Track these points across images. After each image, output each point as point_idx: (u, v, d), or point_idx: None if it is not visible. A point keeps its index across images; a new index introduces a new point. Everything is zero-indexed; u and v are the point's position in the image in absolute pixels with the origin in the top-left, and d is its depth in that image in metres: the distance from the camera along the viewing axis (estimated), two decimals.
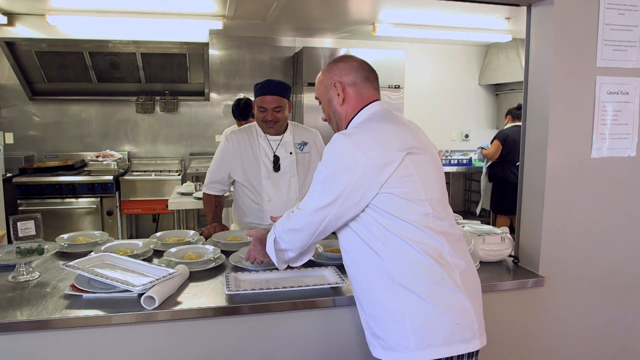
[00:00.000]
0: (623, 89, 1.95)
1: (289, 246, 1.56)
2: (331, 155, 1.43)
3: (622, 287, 2.11)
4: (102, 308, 1.55)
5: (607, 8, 1.88)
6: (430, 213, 1.40)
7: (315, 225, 1.47)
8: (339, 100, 1.55)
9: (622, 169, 2.01)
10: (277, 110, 2.44)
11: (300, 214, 1.49)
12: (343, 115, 1.56)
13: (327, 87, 1.58)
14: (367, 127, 1.48)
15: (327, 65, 1.62)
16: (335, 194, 1.40)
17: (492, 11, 4.40)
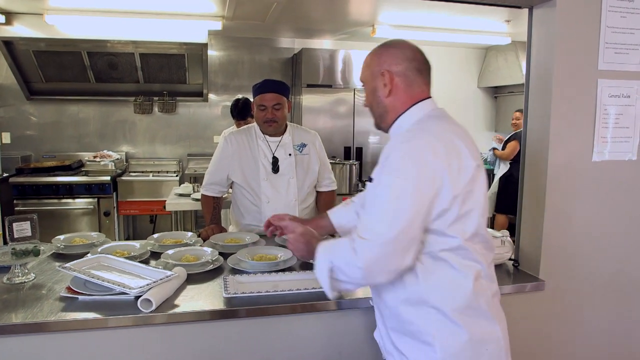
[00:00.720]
0: (624, 92, 1.94)
1: (349, 279, 1.29)
2: (404, 165, 1.24)
3: (623, 291, 2.10)
4: (98, 311, 1.52)
5: (609, 11, 1.87)
6: (480, 232, 1.31)
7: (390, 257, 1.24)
8: (384, 91, 1.39)
9: (623, 172, 2.00)
10: (276, 107, 2.43)
11: (368, 245, 1.22)
12: (390, 107, 1.40)
13: (374, 74, 1.41)
14: (433, 130, 1.32)
15: (377, 48, 1.44)
16: (413, 212, 1.22)
17: (491, 14, 4.40)
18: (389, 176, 1.25)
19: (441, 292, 1.28)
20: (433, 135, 1.30)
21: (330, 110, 5.15)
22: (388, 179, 1.25)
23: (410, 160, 1.24)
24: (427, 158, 1.24)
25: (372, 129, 5.28)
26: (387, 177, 1.26)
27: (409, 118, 1.38)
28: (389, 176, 1.25)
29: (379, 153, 4.59)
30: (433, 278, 1.28)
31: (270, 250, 2.02)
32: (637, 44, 1.92)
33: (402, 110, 1.39)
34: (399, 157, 1.26)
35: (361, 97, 5.18)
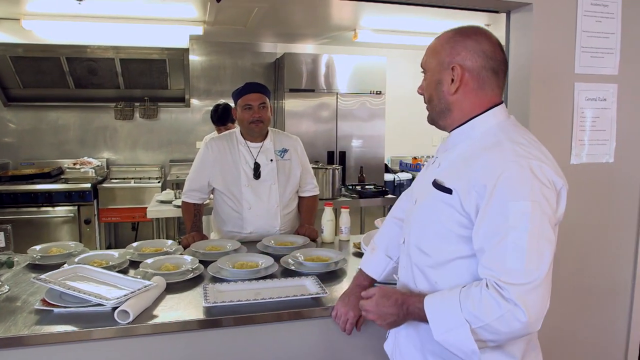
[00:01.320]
0: (601, 96, 1.96)
1: (501, 337, 1.09)
2: (533, 187, 1.08)
3: (600, 296, 2.12)
4: (74, 323, 1.49)
5: (584, 15, 1.89)
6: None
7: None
8: (451, 87, 1.24)
9: (600, 175, 2.03)
10: (262, 106, 2.42)
11: (525, 290, 1.04)
12: (454, 106, 1.25)
13: (442, 65, 1.25)
14: (532, 142, 1.18)
15: (451, 33, 1.25)
16: (554, 237, 1.09)
17: (472, 18, 4.41)
18: (521, 202, 1.06)
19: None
20: (538, 149, 1.16)
21: (313, 115, 5.14)
22: (524, 205, 1.06)
23: (539, 182, 1.08)
24: (549, 175, 1.11)
25: (356, 132, 5.28)
26: (521, 204, 1.06)
27: (482, 123, 1.23)
28: (521, 202, 1.06)
29: (362, 157, 4.57)
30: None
31: (252, 257, 2.00)
32: (612, 48, 1.95)
33: (473, 114, 1.24)
34: (524, 178, 1.08)
35: (344, 101, 5.19)
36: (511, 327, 1.05)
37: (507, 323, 1.05)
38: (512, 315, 1.04)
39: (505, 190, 1.08)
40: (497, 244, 1.08)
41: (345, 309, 1.55)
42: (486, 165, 1.13)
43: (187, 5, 3.94)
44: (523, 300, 1.03)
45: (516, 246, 1.05)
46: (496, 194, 1.09)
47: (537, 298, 1.04)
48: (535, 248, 1.05)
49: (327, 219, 2.43)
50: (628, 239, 2.14)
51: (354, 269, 1.82)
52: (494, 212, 1.09)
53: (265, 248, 2.22)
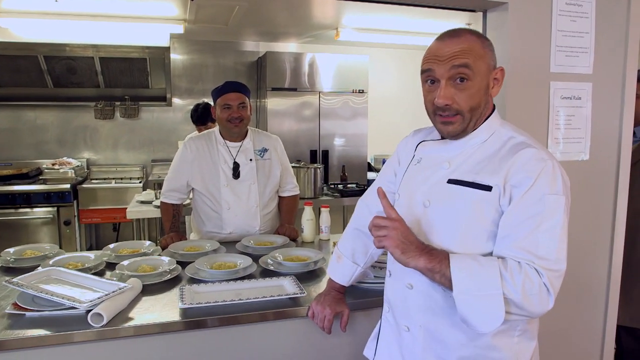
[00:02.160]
0: (576, 94, 1.98)
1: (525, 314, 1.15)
2: (560, 183, 1.16)
3: (577, 292, 2.14)
4: (47, 327, 1.46)
5: (559, 15, 1.91)
6: None
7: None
8: (496, 89, 1.27)
9: (576, 172, 2.05)
10: (242, 106, 2.40)
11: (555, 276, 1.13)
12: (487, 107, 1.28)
13: (489, 67, 1.23)
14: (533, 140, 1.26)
15: (477, 36, 1.23)
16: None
17: (452, 17, 4.45)
18: (556, 196, 1.14)
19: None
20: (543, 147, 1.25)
21: (296, 114, 5.13)
22: (557, 199, 1.14)
23: (560, 177, 1.17)
24: (561, 172, 1.19)
25: (338, 131, 5.29)
26: (554, 197, 1.14)
27: (491, 123, 1.27)
28: (556, 196, 1.14)
29: (345, 156, 4.57)
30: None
31: (230, 258, 1.99)
32: (587, 47, 1.97)
33: (487, 115, 1.28)
34: (554, 174, 1.16)
35: (327, 100, 5.18)
36: (537, 307, 1.12)
37: (536, 303, 1.11)
38: (544, 297, 1.11)
39: (545, 183, 1.14)
40: (532, 231, 1.13)
41: (321, 307, 1.55)
42: (526, 161, 1.17)
43: (167, 4, 3.90)
44: (553, 286, 1.11)
45: (550, 235, 1.13)
46: (536, 185, 1.14)
47: (559, 286, 1.14)
48: (563, 239, 1.15)
49: (307, 219, 2.43)
50: (603, 236, 2.17)
51: None
52: (531, 201, 1.14)
53: (244, 248, 2.21)
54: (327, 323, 1.54)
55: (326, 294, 1.60)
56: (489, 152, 1.23)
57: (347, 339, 1.67)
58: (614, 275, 2.19)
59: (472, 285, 1.11)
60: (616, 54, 2.06)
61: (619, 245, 2.18)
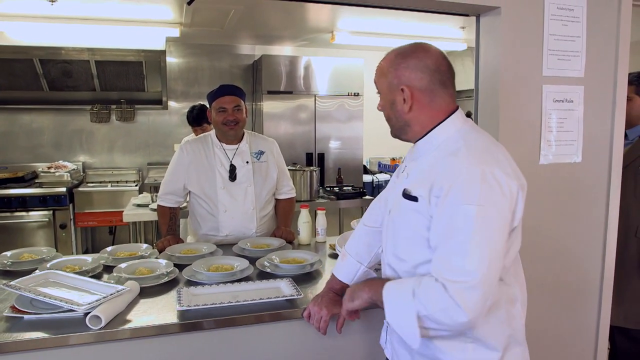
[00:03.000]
0: (568, 97, 2.01)
1: (444, 327, 1.18)
2: (482, 191, 1.13)
3: (570, 293, 2.17)
4: (45, 330, 1.47)
5: (551, 19, 1.94)
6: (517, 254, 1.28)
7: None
8: (405, 107, 1.30)
9: (568, 174, 2.08)
10: (237, 109, 2.42)
11: (465, 288, 1.11)
12: (413, 122, 1.32)
13: (392, 87, 1.31)
14: (488, 147, 1.24)
15: (394, 55, 1.31)
16: (501, 240, 1.15)
17: (447, 21, 4.49)
18: (470, 207, 1.12)
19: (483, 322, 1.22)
20: (495, 154, 1.22)
21: (292, 117, 5.15)
22: (470, 209, 1.12)
23: (488, 186, 1.14)
24: (504, 181, 1.15)
25: (334, 134, 5.31)
26: (468, 207, 1.12)
27: (442, 132, 1.30)
28: (470, 207, 1.12)
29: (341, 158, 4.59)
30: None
31: (227, 260, 2.00)
32: (578, 50, 2.00)
33: (432, 125, 1.30)
34: (476, 183, 1.14)
35: (322, 103, 5.21)
36: (451, 320, 1.14)
37: (447, 316, 1.14)
38: (452, 310, 1.12)
39: (456, 195, 1.15)
40: (445, 243, 1.17)
41: (318, 307, 1.56)
42: (444, 171, 1.20)
43: (162, 7, 3.91)
44: (461, 297, 1.11)
45: (460, 247, 1.13)
46: (449, 197, 1.16)
47: (474, 297, 1.11)
48: (479, 247, 1.12)
49: (303, 221, 2.44)
50: (596, 236, 2.20)
51: (330, 271, 1.83)
52: (445, 214, 1.17)
53: (241, 251, 2.22)
54: (322, 324, 1.55)
55: (323, 295, 1.61)
56: (431, 161, 1.27)
57: (343, 341, 1.68)
58: (607, 276, 2.22)
59: (394, 308, 1.23)
60: (607, 58, 2.10)
61: (611, 245, 2.21)
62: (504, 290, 1.25)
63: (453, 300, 1.11)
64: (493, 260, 1.13)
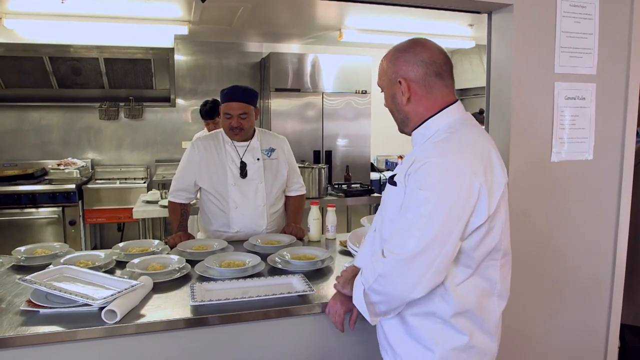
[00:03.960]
0: (580, 94, 2.01)
1: (382, 297, 1.29)
2: (441, 181, 1.20)
3: (581, 290, 2.17)
4: (60, 324, 1.49)
5: (563, 16, 1.93)
6: (499, 248, 1.31)
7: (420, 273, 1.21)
8: (403, 99, 1.36)
9: (580, 172, 2.08)
10: (242, 117, 2.42)
11: (394, 258, 1.23)
12: (412, 114, 1.38)
13: (391, 81, 1.38)
14: (469, 142, 1.30)
15: (392, 52, 1.39)
16: (445, 231, 1.19)
17: (455, 18, 4.48)
18: (423, 192, 1.21)
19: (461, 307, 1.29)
20: (471, 149, 1.27)
21: (299, 114, 5.15)
22: (422, 194, 1.20)
23: (447, 177, 1.20)
24: (465, 176, 1.21)
25: (342, 131, 5.31)
26: (421, 192, 1.21)
27: (435, 123, 1.35)
28: (423, 192, 1.21)
29: (348, 156, 4.59)
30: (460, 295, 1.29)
31: (239, 256, 2.01)
32: (590, 48, 2.00)
33: (427, 116, 1.37)
34: (436, 172, 1.21)
35: (330, 101, 5.21)
36: (385, 288, 1.26)
37: (382, 284, 1.26)
38: (387, 277, 1.25)
39: (417, 178, 1.24)
40: (399, 219, 1.27)
41: (333, 302, 1.56)
42: (419, 155, 1.28)
43: (171, 5, 3.92)
44: (394, 267, 1.23)
45: (405, 225, 1.23)
46: (412, 178, 1.26)
47: (406, 269, 1.21)
48: (420, 229, 1.19)
49: (313, 218, 2.45)
50: (606, 234, 2.19)
51: (341, 267, 1.84)
52: (407, 193, 1.27)
53: (252, 247, 2.23)
54: (337, 318, 1.55)
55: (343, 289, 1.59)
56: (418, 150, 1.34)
57: (357, 338, 1.69)
58: (618, 273, 2.21)
59: (355, 291, 1.37)
60: (619, 55, 2.09)
61: (622, 243, 2.21)
62: (476, 282, 1.30)
63: (387, 268, 1.23)
64: (433, 244, 1.19)
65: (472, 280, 1.30)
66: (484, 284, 1.32)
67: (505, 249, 1.34)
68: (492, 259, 1.32)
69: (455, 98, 1.40)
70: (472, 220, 1.24)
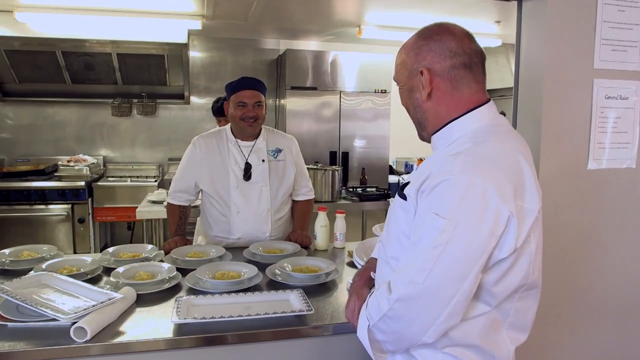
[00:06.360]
0: (622, 94, 1.77)
1: (387, 337, 1.07)
2: (461, 206, 0.98)
3: (623, 312, 1.93)
4: (27, 340, 1.34)
5: (605, 4, 1.71)
6: (525, 283, 1.08)
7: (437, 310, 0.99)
8: (423, 93, 1.14)
9: (621, 182, 1.84)
10: (258, 105, 2.26)
11: (404, 297, 1.00)
12: (431, 113, 1.16)
13: (411, 72, 1.16)
14: (497, 156, 1.05)
15: (415, 40, 1.17)
16: (464, 266, 0.97)
17: (481, 14, 4.24)
18: (439, 218, 0.98)
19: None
20: (498, 166, 1.03)
21: (316, 114, 4.97)
22: (438, 221, 0.98)
23: (470, 201, 0.97)
24: (491, 201, 0.97)
25: (359, 132, 5.09)
26: (437, 218, 0.98)
27: (461, 127, 1.13)
28: (439, 218, 0.98)
29: (366, 158, 4.36)
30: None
31: (234, 266, 1.83)
32: (636, 40, 1.76)
33: (450, 117, 1.14)
34: (456, 194, 0.98)
35: (347, 100, 5.02)
36: (392, 329, 1.04)
37: (388, 324, 1.04)
38: (393, 318, 1.03)
39: (433, 200, 1.02)
40: (411, 247, 1.05)
41: (349, 295, 1.29)
42: (436, 171, 1.05)
43: None
44: (402, 306, 1.01)
45: (417, 255, 1.01)
46: (428, 199, 1.03)
47: (416, 310, 1.00)
48: (432, 262, 0.98)
49: (320, 225, 2.26)
50: None
51: (348, 280, 1.65)
52: (420, 216, 1.05)
53: (252, 256, 2.06)
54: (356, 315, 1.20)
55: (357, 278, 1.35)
56: (435, 160, 1.11)
57: None
58: None
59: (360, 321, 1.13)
60: None
61: None
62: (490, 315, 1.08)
63: (393, 306, 1.01)
64: (448, 281, 0.98)
65: (487, 314, 1.08)
66: (497, 316, 1.09)
67: (533, 282, 1.10)
68: (516, 293, 1.09)
69: (486, 97, 1.16)
70: (496, 252, 1.01)
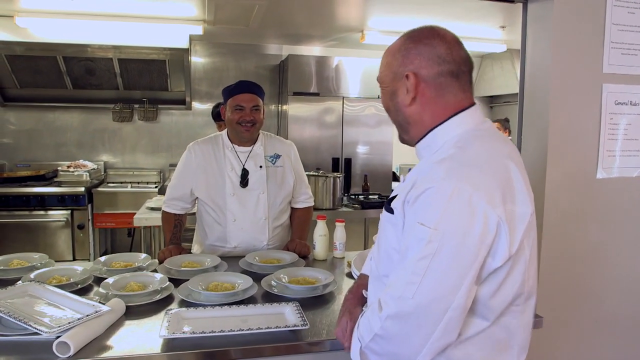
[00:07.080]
0: (633, 99, 1.71)
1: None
2: (448, 214, 0.93)
3: (632, 326, 1.85)
4: (9, 355, 1.28)
5: (614, 6, 1.65)
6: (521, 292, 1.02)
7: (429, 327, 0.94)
8: (406, 98, 1.10)
9: (631, 191, 1.77)
10: (255, 109, 2.20)
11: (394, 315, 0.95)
12: (413, 119, 1.12)
13: (396, 75, 1.11)
14: (483, 159, 1.01)
15: (403, 41, 1.12)
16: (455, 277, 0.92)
17: (486, 19, 4.19)
18: (425, 228, 0.93)
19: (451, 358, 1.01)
20: (484, 170, 0.98)
21: (318, 120, 4.91)
22: (424, 231, 0.93)
23: (455, 208, 0.92)
24: (478, 207, 0.92)
25: (362, 139, 5.02)
26: (422, 228, 0.93)
27: (444, 133, 1.08)
28: (425, 228, 0.93)
29: (369, 164, 4.28)
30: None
31: (228, 277, 1.77)
32: None
33: (433, 124, 1.09)
34: (440, 202, 0.93)
35: (350, 106, 4.97)
36: (385, 350, 0.98)
37: (380, 344, 0.99)
38: (384, 338, 0.97)
39: (418, 208, 0.98)
40: (400, 262, 1.00)
41: (341, 313, 1.25)
42: (419, 181, 1.00)
43: (185, 4, 3.76)
44: (393, 325, 0.96)
45: (405, 269, 0.96)
46: (413, 208, 0.99)
47: (408, 328, 0.94)
48: (420, 276, 0.93)
49: (319, 234, 2.20)
50: None
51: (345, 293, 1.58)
52: (406, 228, 1.01)
53: (248, 266, 2.00)
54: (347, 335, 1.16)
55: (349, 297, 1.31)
56: (421, 168, 1.08)
57: None
58: None
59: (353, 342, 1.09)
60: None
61: None
62: (490, 333, 1.02)
63: (384, 325, 0.97)
64: (439, 295, 0.92)
65: (487, 331, 1.01)
66: (500, 334, 1.02)
67: (529, 292, 1.04)
68: (514, 304, 1.02)
69: (472, 102, 1.12)
70: (489, 261, 0.95)
